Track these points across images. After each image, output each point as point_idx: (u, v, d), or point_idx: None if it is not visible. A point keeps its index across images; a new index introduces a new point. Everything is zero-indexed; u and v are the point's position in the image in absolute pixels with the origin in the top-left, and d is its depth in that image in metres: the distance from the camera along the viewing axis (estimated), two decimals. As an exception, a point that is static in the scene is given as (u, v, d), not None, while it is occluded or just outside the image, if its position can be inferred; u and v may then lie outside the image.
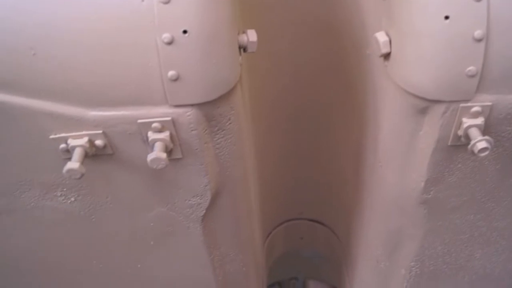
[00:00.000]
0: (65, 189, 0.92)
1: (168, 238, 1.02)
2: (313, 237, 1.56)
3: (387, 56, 0.84)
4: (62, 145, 0.83)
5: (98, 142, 0.82)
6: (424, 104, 0.81)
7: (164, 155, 0.78)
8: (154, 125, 0.79)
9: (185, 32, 0.71)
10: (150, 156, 0.78)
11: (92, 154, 0.83)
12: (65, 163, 0.78)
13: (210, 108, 0.81)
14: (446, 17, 0.71)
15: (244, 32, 0.84)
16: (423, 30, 0.74)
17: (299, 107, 1.17)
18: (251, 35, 0.83)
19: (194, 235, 1.00)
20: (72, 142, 0.81)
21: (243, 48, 0.84)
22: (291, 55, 1.09)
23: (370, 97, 1.00)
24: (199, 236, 1.00)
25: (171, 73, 0.74)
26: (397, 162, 0.94)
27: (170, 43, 0.72)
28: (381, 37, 0.83)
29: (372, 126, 1.01)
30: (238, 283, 1.21)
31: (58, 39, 0.73)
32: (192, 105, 0.78)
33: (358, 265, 1.32)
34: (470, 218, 1.02)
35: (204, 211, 0.95)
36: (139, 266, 1.09)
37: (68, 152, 0.83)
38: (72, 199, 0.94)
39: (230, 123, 0.86)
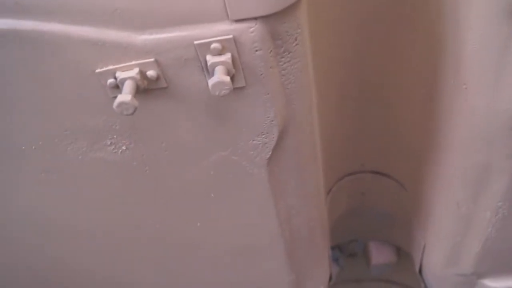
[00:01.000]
0: (115, 136, 0.82)
1: (230, 189, 0.91)
2: (376, 191, 1.42)
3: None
4: (110, 80, 0.72)
5: (150, 73, 0.71)
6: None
7: (227, 78, 0.67)
8: (213, 45, 0.68)
9: None
10: (212, 80, 0.67)
11: (144, 88, 0.73)
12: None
13: (276, 23, 0.69)
14: None
15: None
16: None
17: (360, 35, 1.03)
18: None
19: (259, 183, 0.89)
20: (121, 75, 0.71)
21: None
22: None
23: (447, 7, 0.86)
24: (264, 183, 0.89)
25: (231, -22, 0.62)
26: (486, 80, 0.81)
27: None
28: None
29: (451, 42, 0.87)
30: (304, 240, 1.10)
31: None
32: (255, 18, 0.67)
33: (434, 214, 1.19)
34: None
35: (270, 153, 0.84)
36: (198, 224, 0.98)
37: (117, 89, 0.72)
38: (124, 147, 0.84)
39: (296, 44, 0.74)
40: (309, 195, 1.02)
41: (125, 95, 0.67)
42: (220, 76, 0.67)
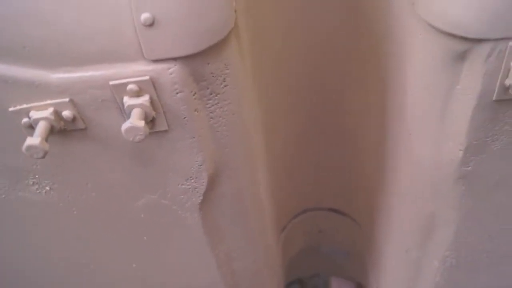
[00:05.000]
0: (37, 176, 0.73)
1: (162, 232, 0.82)
2: (333, 229, 1.34)
3: (413, -10, 0.64)
4: (24, 119, 0.64)
5: (66, 113, 0.63)
6: (463, 46, 0.61)
7: (141, 123, 0.59)
8: (129, 87, 0.60)
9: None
10: (124, 126, 0.59)
11: (61, 129, 0.64)
12: (30, 142, 0.59)
13: (198, 64, 0.62)
14: None
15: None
16: None
17: (311, 76, 0.96)
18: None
19: (193, 227, 0.80)
20: (34, 115, 0.63)
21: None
22: (301, 12, 0.88)
23: (394, 54, 0.79)
24: (198, 228, 0.80)
25: (144, 16, 0.55)
26: (430, 128, 0.74)
27: (140, -25, 0.53)
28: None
29: (397, 88, 0.80)
30: (249, 283, 1.01)
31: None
32: (174, 59, 0.59)
33: (384, 257, 1.10)
34: (518, 197, 0.80)
35: (201, 198, 0.76)
36: (134, 265, 0.90)
37: (32, 128, 0.64)
38: (47, 188, 0.75)
39: (225, 86, 0.66)
40: (253, 238, 0.93)
41: (34, 138, 0.59)
42: (133, 120, 0.59)
